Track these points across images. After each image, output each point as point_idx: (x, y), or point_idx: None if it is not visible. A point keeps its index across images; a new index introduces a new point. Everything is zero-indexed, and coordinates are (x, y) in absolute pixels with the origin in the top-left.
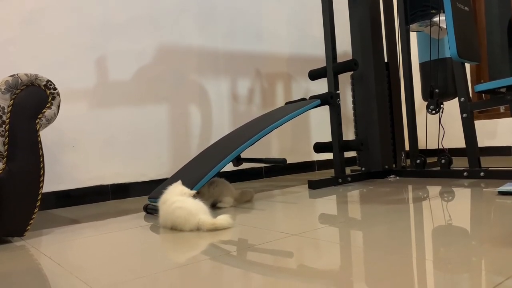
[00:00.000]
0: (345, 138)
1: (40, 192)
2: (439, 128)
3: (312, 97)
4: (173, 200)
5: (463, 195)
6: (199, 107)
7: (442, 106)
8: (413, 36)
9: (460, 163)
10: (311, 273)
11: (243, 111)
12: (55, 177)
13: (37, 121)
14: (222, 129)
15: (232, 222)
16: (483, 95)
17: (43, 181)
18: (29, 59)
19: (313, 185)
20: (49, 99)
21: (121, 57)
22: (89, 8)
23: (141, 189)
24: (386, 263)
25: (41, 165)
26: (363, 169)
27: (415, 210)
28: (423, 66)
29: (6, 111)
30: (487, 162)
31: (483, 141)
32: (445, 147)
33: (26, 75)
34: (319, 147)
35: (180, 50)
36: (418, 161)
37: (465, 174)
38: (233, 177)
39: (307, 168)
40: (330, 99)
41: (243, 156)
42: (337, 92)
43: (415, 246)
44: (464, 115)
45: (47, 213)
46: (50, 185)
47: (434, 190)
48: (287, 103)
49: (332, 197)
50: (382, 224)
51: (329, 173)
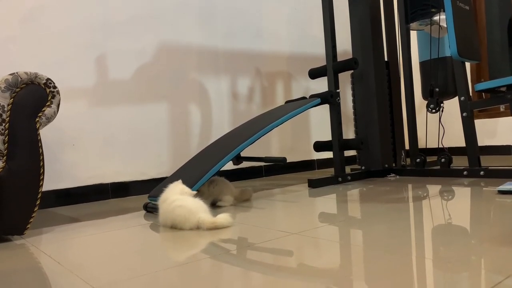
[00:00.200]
0: (345, 137)
1: (40, 190)
2: (439, 127)
3: (312, 96)
4: (173, 199)
5: (463, 194)
6: (199, 106)
7: (442, 105)
8: (413, 35)
9: (460, 162)
10: (311, 272)
11: (243, 110)
12: (55, 175)
13: (37, 119)
14: (222, 128)
15: (232, 220)
16: (483, 94)
17: (43, 179)
18: (29, 57)
19: (313, 184)
20: (49, 98)
21: (121, 56)
22: (89, 7)
23: (141, 187)
24: (385, 262)
25: (41, 164)
26: (363, 168)
27: (415, 209)
28: (423, 65)
29: (6, 109)
30: (487, 161)
31: (483, 140)
32: (445, 146)
33: (26, 73)
34: (319, 146)
35: (180, 49)
36: (418, 160)
37: (465, 173)
38: (233, 176)
39: (307, 167)
40: (330, 98)
41: (243, 154)
42: (337, 91)
43: (415, 245)
44: (464, 114)
45: (47, 211)
46: (50, 183)
47: (434, 189)
48: (287, 102)
49: (332, 196)
50: (382, 223)
51: (329, 172)
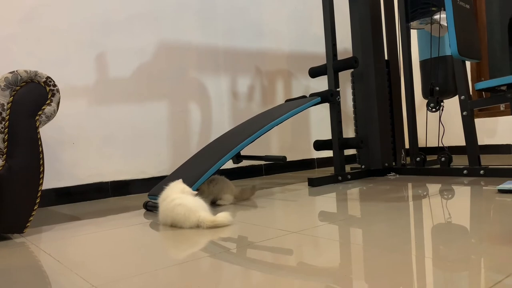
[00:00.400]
0: (345, 136)
1: (39, 189)
2: (439, 126)
3: (312, 95)
4: (173, 197)
5: (462, 193)
6: (199, 104)
7: (442, 104)
8: (413, 33)
9: (460, 161)
10: (311, 270)
11: (243, 108)
12: (55, 174)
13: (36, 118)
14: (222, 126)
15: (231, 219)
16: (483, 93)
17: (42, 178)
18: (29, 55)
19: (313, 183)
20: (49, 96)
21: (121, 54)
22: (90, 5)
23: (141, 186)
24: (385, 260)
25: (41, 162)
26: (363, 166)
27: (415, 208)
28: (423, 64)
29: (5, 107)
30: (487, 160)
31: (483, 139)
32: (445, 145)
33: (25, 71)
34: (319, 145)
35: (180, 47)
36: (418, 159)
37: (465, 172)
38: (233, 174)
39: (307, 166)
40: (330, 97)
41: (243, 153)
42: (337, 89)
43: (414, 244)
44: (464, 113)
45: (47, 210)
46: (49, 182)
47: (434, 188)
48: (287, 101)
49: (332, 195)
50: (381, 222)
51: (329, 170)
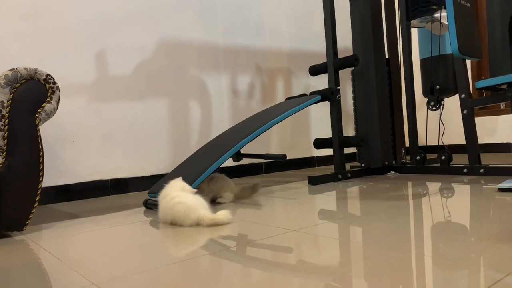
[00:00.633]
0: (345, 134)
1: (39, 186)
2: (439, 124)
3: (313, 93)
4: (173, 195)
5: (462, 191)
6: (199, 102)
7: (442, 102)
8: (414, 32)
9: (460, 160)
10: (310, 268)
11: (243, 106)
12: (55, 171)
13: (36, 115)
14: (222, 124)
15: (231, 217)
16: (484, 91)
17: (42, 175)
18: (28, 53)
19: (313, 181)
20: (49, 94)
21: (121, 51)
22: (90, 3)
23: (141, 184)
24: (385, 259)
25: (41, 160)
26: (363, 165)
27: (415, 207)
28: (424, 62)
29: (5, 105)
30: (487, 159)
31: (483, 138)
32: (445, 143)
33: (25, 69)
34: (319, 143)
35: (180, 44)
36: (418, 157)
37: (465, 170)
38: (233, 172)
39: (307, 164)
40: (331, 95)
41: (243, 151)
42: (338, 88)
43: (414, 242)
44: (465, 111)
45: (46, 207)
46: (49, 179)
47: (433, 186)
48: (287, 99)
49: (332, 193)
50: (381, 220)
51: (329, 169)
